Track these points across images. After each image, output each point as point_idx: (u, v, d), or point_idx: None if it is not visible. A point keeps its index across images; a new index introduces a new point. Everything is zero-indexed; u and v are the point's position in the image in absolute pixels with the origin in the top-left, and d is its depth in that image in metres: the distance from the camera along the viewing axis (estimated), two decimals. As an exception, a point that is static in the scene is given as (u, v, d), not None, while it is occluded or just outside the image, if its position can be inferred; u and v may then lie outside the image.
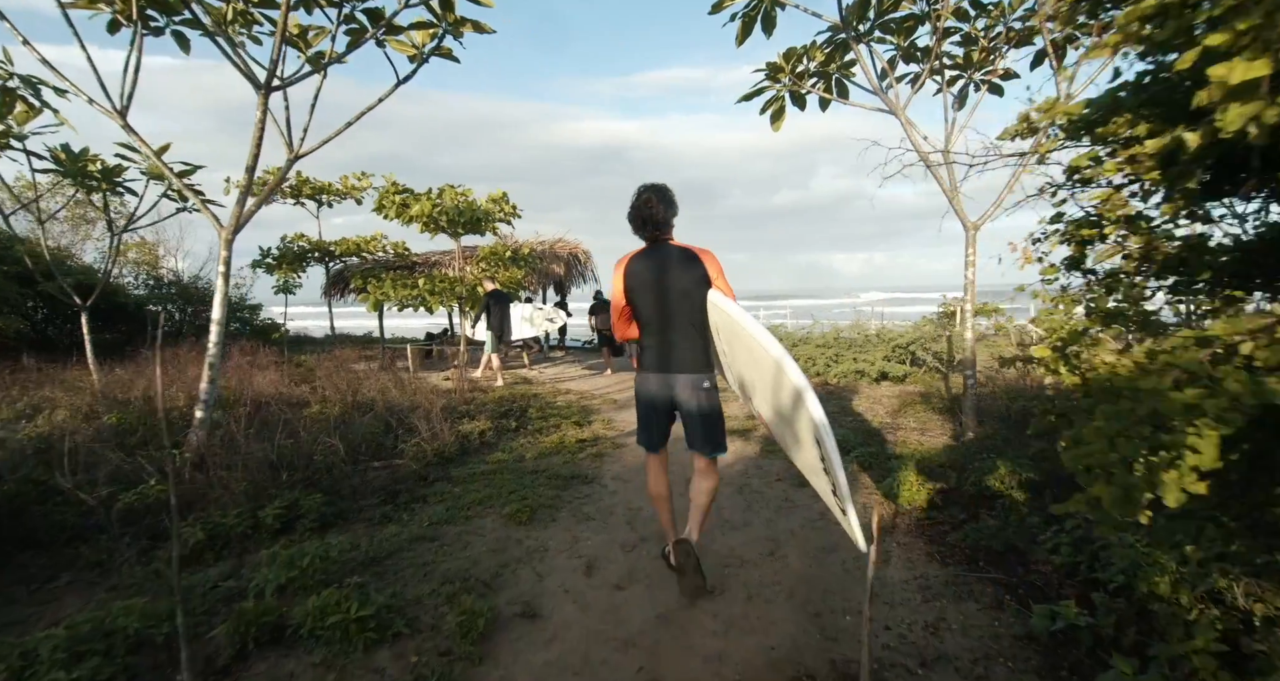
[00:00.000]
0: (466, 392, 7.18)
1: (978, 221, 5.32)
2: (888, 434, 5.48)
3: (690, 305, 2.41)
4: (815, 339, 10.34)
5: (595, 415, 6.78)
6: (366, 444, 4.52)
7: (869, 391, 8.19)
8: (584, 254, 12.69)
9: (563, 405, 7.18)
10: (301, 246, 10.35)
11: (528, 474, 4.32)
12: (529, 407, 6.76)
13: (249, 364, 7.79)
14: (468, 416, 5.68)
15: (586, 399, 7.90)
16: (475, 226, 9.15)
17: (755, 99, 5.82)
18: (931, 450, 4.40)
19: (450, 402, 6.27)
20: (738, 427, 5.90)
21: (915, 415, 6.18)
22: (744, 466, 4.63)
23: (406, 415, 5.25)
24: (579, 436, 5.57)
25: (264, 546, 2.99)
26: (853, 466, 4.29)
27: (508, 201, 9.79)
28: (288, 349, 12.80)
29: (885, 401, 7.42)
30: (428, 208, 8.21)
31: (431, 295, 8.32)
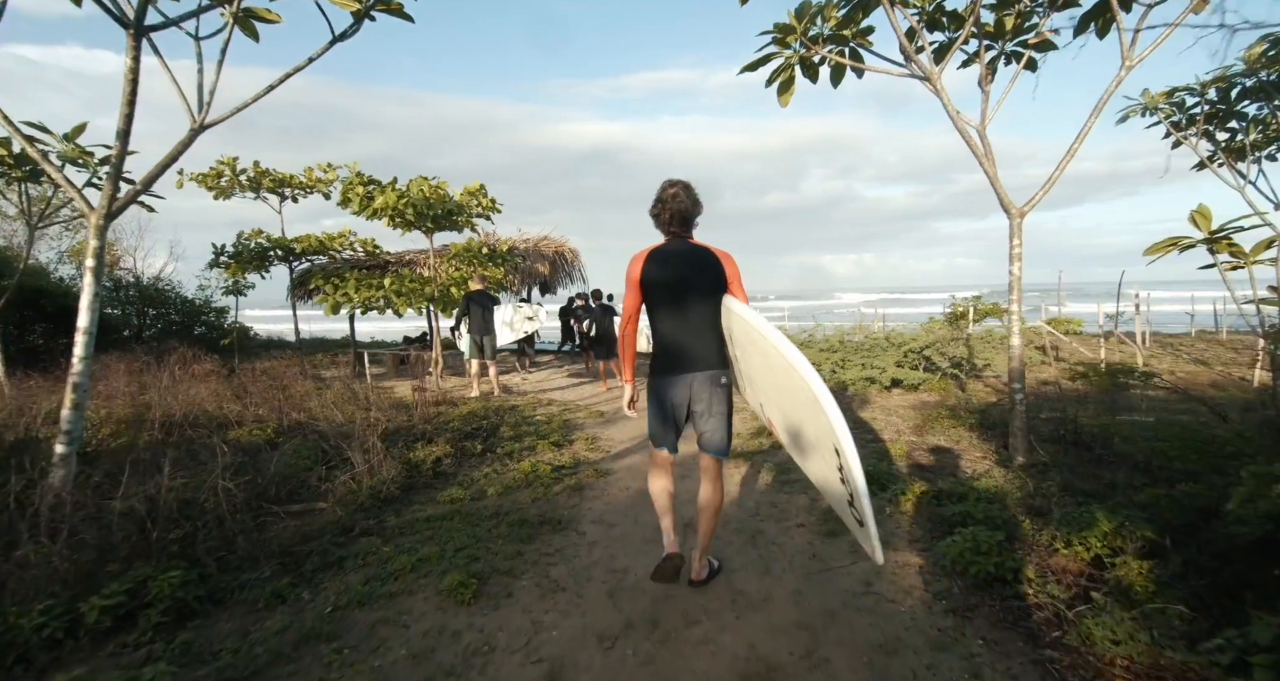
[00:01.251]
0: (432, 407, 6.22)
1: (1024, 206, 4.45)
2: (918, 455, 4.58)
3: (708, 305, 2.35)
4: (818, 342, 9.46)
5: (578, 432, 5.84)
6: (284, 481, 3.56)
7: (881, 400, 7.31)
8: (571, 252, 11.76)
9: (542, 419, 6.24)
10: (261, 244, 9.34)
11: (486, 519, 3.38)
12: (502, 424, 5.81)
13: (186, 375, 6.79)
14: (424, 439, 4.72)
15: (569, 411, 6.96)
16: (449, 221, 8.19)
17: (761, 68, 4.93)
18: (989, 488, 3.49)
19: (408, 422, 5.32)
20: (741, 448, 4.99)
21: (944, 431, 5.29)
22: (754, 502, 3.71)
23: (349, 439, 4.30)
24: (557, 461, 4.63)
25: (84, 656, 2.04)
26: (894, 509, 3.38)
27: (485, 194, 8.83)
28: (250, 356, 11.77)
29: (902, 412, 6.53)
30: (393, 199, 7.25)
31: (398, 297, 7.36)
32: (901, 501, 3.39)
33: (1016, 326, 4.43)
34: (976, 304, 10.36)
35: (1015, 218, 4.45)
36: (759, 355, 2.16)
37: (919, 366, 7.95)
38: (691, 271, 2.34)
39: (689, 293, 2.34)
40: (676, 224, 2.38)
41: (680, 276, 2.33)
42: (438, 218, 7.70)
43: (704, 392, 2.38)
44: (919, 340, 7.93)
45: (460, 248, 7.66)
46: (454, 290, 8.05)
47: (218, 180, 9.41)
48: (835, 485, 1.91)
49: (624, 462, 4.76)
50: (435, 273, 8.20)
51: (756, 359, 2.21)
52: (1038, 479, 3.79)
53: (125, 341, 12.12)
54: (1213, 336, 12.97)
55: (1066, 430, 4.71)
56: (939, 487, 3.45)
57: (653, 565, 2.56)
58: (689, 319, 2.36)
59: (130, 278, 12.57)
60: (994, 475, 3.95)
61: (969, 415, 5.61)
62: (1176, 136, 6.29)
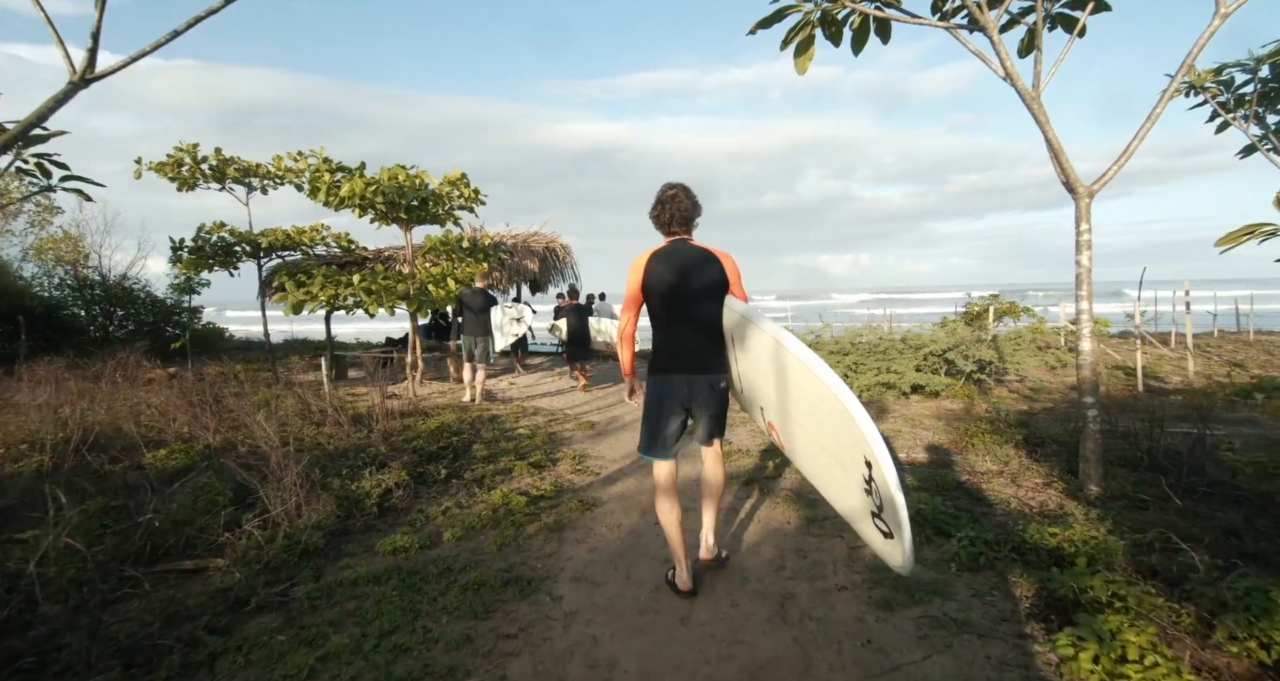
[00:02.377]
0: (399, 420, 5.40)
1: (1093, 184, 3.67)
2: (969, 483, 3.78)
3: (710, 306, 2.33)
4: (827, 344, 8.66)
5: (564, 448, 5.03)
6: (177, 529, 2.73)
7: (900, 408, 6.53)
8: (563, 248, 10.94)
9: (524, 433, 5.42)
10: (224, 238, 8.49)
11: (433, 580, 2.57)
12: (476, 440, 4.99)
13: (131, 382, 5.95)
14: (375, 463, 3.89)
15: (557, 421, 6.14)
16: (426, 213, 7.36)
17: (775, 25, 4.13)
18: (1088, 542, 2.66)
19: (365, 440, 4.49)
20: (749, 470, 4.19)
21: (987, 449, 4.50)
22: (776, 549, 2.91)
23: (281, 467, 3.47)
24: (535, 489, 3.82)
25: None
26: (969, 575, 2.57)
27: (467, 184, 8.00)
28: (222, 359, 10.93)
29: (927, 423, 5.74)
30: (360, 187, 6.44)
31: (369, 295, 6.54)
32: (978, 559, 2.58)
33: (1088, 328, 3.65)
34: (994, 303, 9.58)
35: (1083, 198, 3.67)
36: (768, 361, 2.10)
37: (939, 370, 7.17)
38: (694, 272, 2.31)
39: (691, 294, 2.31)
40: (677, 225, 2.38)
41: (682, 277, 2.30)
42: (412, 208, 6.88)
43: (702, 395, 2.36)
44: (940, 342, 7.14)
45: (435, 241, 6.84)
46: (433, 288, 7.22)
47: (178, 169, 8.55)
48: (855, 496, 1.82)
49: (615, 489, 3.95)
50: (411, 269, 7.36)
51: (763, 364, 2.15)
52: (1127, 518, 3.00)
53: (93, 343, 11.26)
54: (1236, 336, 12.24)
55: (1141, 450, 3.93)
56: (1022, 537, 2.64)
57: (654, 649, 2.13)
58: (691, 320, 2.33)
59: (96, 276, 11.69)
60: (1072, 514, 3.15)
61: (1011, 429, 4.82)
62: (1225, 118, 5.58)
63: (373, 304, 6.61)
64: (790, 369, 1.97)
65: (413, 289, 7.04)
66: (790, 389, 2.03)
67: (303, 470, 3.05)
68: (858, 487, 1.79)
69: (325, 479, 3.46)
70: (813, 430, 2.00)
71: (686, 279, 2.31)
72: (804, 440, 2.11)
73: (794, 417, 2.10)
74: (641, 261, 2.38)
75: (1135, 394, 7.02)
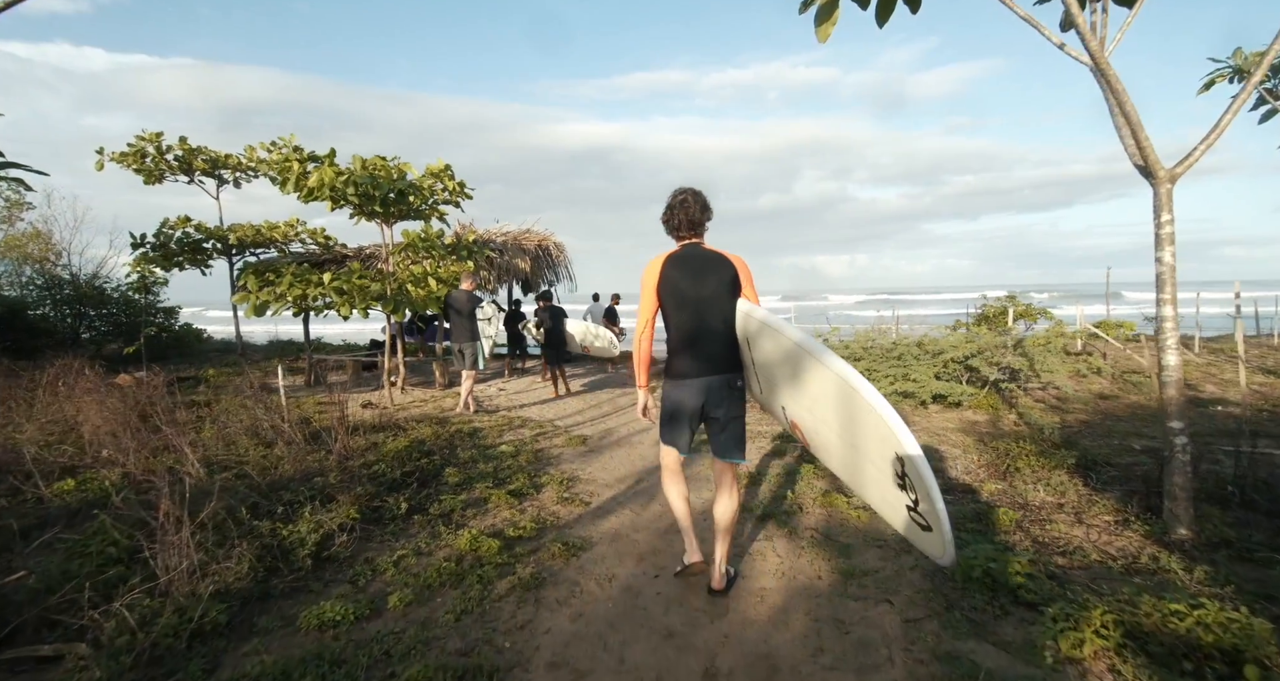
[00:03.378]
0: (365, 436, 4.75)
1: (1175, 167, 3.04)
2: (1021, 517, 3.15)
3: (724, 309, 2.32)
4: (836, 348, 8.04)
5: (550, 469, 4.39)
6: (39, 597, 2.08)
7: (921, 420, 5.90)
8: (556, 246, 10.30)
9: (507, 450, 4.77)
10: (189, 234, 7.82)
11: (362, 673, 1.92)
12: (451, 461, 4.34)
13: (67, 389, 5.28)
14: (321, 497, 3.23)
15: (545, 435, 5.50)
16: (404, 206, 6.71)
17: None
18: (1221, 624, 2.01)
19: (316, 465, 3.83)
20: (757, 501, 3.57)
21: (1033, 473, 3.87)
22: (808, 617, 2.26)
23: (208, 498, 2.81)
24: (512, 526, 3.18)
25: None
26: (1075, 668, 1.93)
27: (451, 175, 7.35)
28: (196, 363, 10.27)
29: (954, 438, 5.12)
30: (329, 176, 5.78)
31: (340, 296, 5.88)
32: (1081, 647, 1.94)
33: (1173, 339, 3.01)
34: (1012, 304, 8.96)
35: (1163, 183, 3.04)
36: (789, 363, 2.11)
37: (961, 378, 6.55)
38: (708, 276, 2.31)
39: (705, 297, 2.31)
40: (688, 229, 2.37)
41: (696, 281, 2.31)
42: (388, 201, 6.22)
43: (720, 396, 2.33)
44: (961, 347, 6.51)
45: (413, 236, 6.17)
46: (413, 289, 6.58)
47: (140, 160, 7.88)
48: (889, 490, 1.82)
49: (607, 524, 3.31)
50: (387, 267, 6.72)
51: (778, 364, 2.18)
52: (1240, 574, 2.37)
53: (60, 345, 10.57)
54: (1257, 341, 11.65)
55: (1226, 480, 3.30)
56: (1134, 615, 1.99)
57: None
58: (705, 323, 2.32)
59: (66, 275, 10.98)
60: (1170, 570, 2.52)
61: (1059, 450, 4.19)
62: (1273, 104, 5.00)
63: (344, 305, 5.96)
64: (813, 371, 1.99)
65: (389, 289, 6.38)
66: (813, 389, 2.04)
67: (212, 512, 2.39)
68: (890, 482, 1.78)
69: (254, 521, 2.80)
70: (839, 428, 1.98)
71: (701, 283, 2.30)
72: (831, 437, 2.10)
73: (819, 416, 2.09)
74: (656, 266, 2.34)
75: (1171, 404, 6.40)
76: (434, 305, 6.45)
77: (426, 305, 6.59)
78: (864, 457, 1.93)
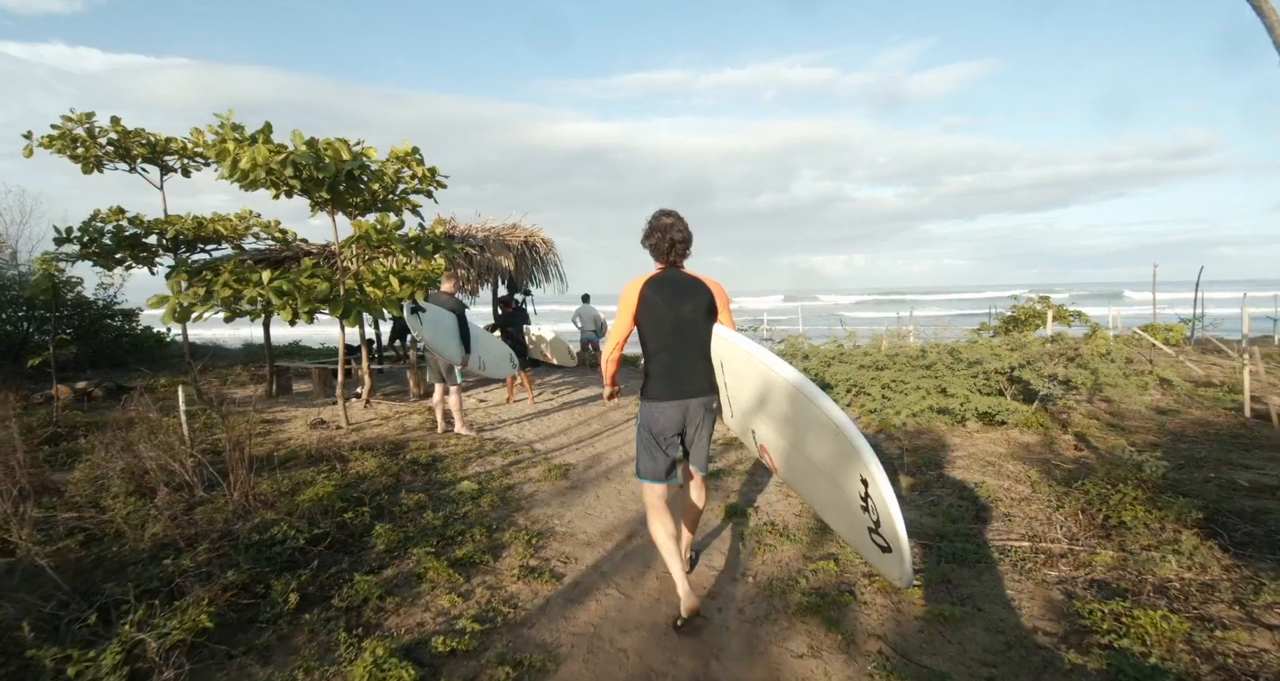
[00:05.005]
0: (289, 473, 3.73)
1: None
2: (1160, 607, 2.16)
3: (702, 333, 2.33)
4: (855, 355, 7.04)
5: (518, 516, 3.39)
6: None
7: (962, 442, 4.92)
8: (544, 242, 9.30)
9: (467, 490, 3.75)
10: (124, 227, 6.80)
11: None
12: (387, 512, 3.33)
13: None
14: (168, 590, 2.21)
15: (520, 464, 4.49)
16: (360, 193, 5.69)
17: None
18: None
19: (201, 524, 2.82)
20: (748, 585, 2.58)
21: (1151, 535, 2.88)
22: None
23: None
24: (447, 632, 2.18)
25: None
26: None
27: (421, 161, 6.33)
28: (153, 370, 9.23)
29: (1014, 471, 4.12)
30: (263, 156, 4.78)
31: (280, 297, 4.88)
32: None
33: None
34: (1047, 305, 7.97)
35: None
36: (760, 387, 2.12)
37: (1004, 392, 5.56)
38: (688, 300, 2.31)
39: (685, 322, 2.30)
40: (675, 254, 2.35)
41: (677, 305, 2.29)
42: (337, 186, 5.20)
43: (697, 417, 2.34)
44: (1006, 356, 5.52)
45: (366, 227, 5.15)
46: (372, 290, 5.56)
47: (71, 145, 6.83)
48: (853, 513, 1.82)
49: (584, 619, 2.31)
50: (343, 264, 5.71)
51: (750, 387, 2.18)
52: None
53: (7, 351, 9.54)
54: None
55: None
56: None
57: None
58: (685, 346, 2.31)
59: (12, 272, 9.92)
60: None
61: (1169, 498, 3.19)
62: None
63: (284, 308, 4.94)
64: (783, 394, 1.99)
65: (342, 289, 5.36)
66: (783, 413, 2.04)
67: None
68: (854, 504, 1.78)
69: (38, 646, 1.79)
70: (807, 452, 1.99)
71: (681, 307, 2.29)
72: (799, 461, 2.08)
73: (789, 440, 2.09)
74: (635, 290, 2.33)
75: (1247, 423, 5.43)
76: (393, 308, 5.44)
77: (388, 307, 5.57)
78: (829, 479, 1.92)
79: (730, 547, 3.00)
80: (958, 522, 3.12)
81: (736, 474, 4.21)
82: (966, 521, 3.15)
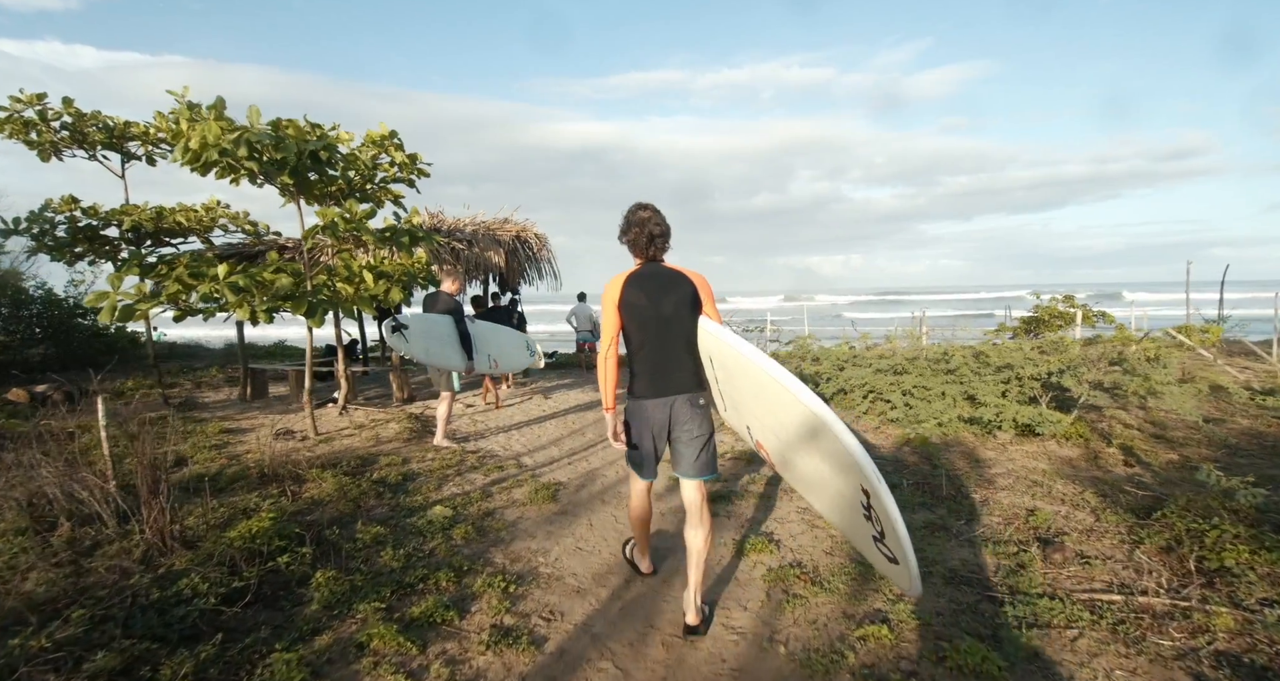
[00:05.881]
0: (229, 497, 3.15)
1: None
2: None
3: (686, 328, 2.21)
4: (869, 358, 6.48)
5: (498, 552, 2.82)
6: None
7: (996, 456, 4.37)
8: (538, 238, 8.72)
9: (438, 518, 3.18)
10: (77, 217, 6.20)
11: None
12: (332, 552, 2.75)
13: None
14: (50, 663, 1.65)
15: (503, 484, 3.91)
16: (329, 178, 5.11)
17: None
18: None
19: (99, 573, 2.24)
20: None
21: (1259, 575, 2.33)
22: None
23: None
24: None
25: None
26: None
27: (400, 146, 5.75)
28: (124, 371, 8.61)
29: (1063, 491, 3.57)
30: (214, 134, 4.19)
31: (236, 293, 4.30)
32: None
33: None
34: (1071, 305, 7.41)
35: None
36: (751, 385, 2.01)
37: (1039, 398, 5.00)
38: (669, 294, 2.19)
39: (667, 316, 2.19)
40: (655, 247, 2.25)
41: (659, 300, 2.19)
42: (301, 170, 4.62)
43: (684, 415, 2.21)
44: (1042, 362, 4.96)
45: (332, 215, 4.53)
46: (343, 287, 4.97)
47: (24, 129, 6.23)
48: (855, 520, 1.73)
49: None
50: (308, 257, 5.12)
51: (741, 383, 2.09)
52: None
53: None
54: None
55: None
56: None
57: None
58: (668, 342, 2.21)
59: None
60: None
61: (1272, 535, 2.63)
62: None
63: (239, 305, 4.35)
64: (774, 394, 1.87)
65: (308, 285, 4.78)
66: (775, 411, 1.94)
67: None
68: (856, 512, 1.69)
69: None
70: (805, 455, 1.87)
71: (663, 302, 2.18)
72: (797, 462, 1.98)
73: (785, 441, 1.98)
74: (616, 286, 2.23)
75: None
76: (366, 306, 4.85)
77: (360, 306, 4.99)
78: (829, 483, 1.80)
79: (752, 598, 2.43)
80: (1025, 568, 2.56)
81: (749, 496, 3.65)
82: (1035, 565, 2.59)
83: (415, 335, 4.98)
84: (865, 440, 4.94)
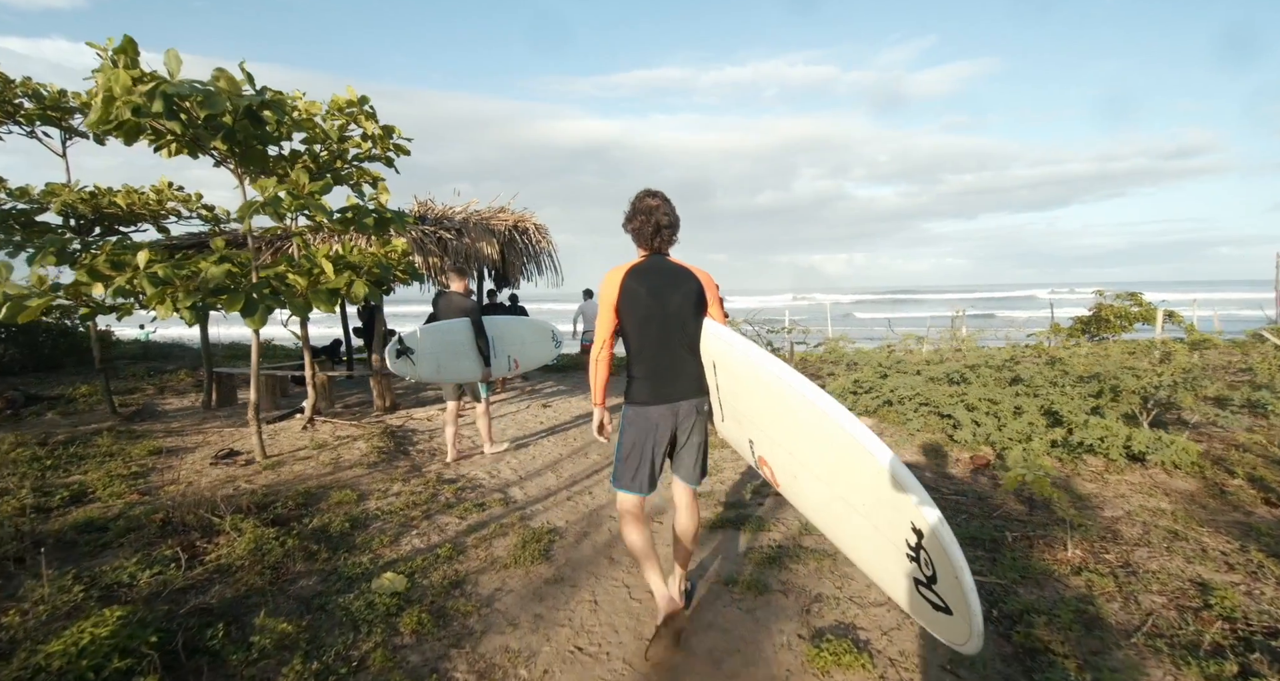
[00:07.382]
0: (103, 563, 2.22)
1: None
2: None
3: (691, 329, 2.04)
4: (914, 364, 5.52)
5: (456, 656, 1.88)
6: None
7: (1104, 492, 3.41)
8: (537, 228, 7.78)
9: (382, 595, 2.26)
10: (2, 200, 5.29)
11: None
12: (205, 674, 1.82)
13: None
14: None
15: (483, 532, 2.97)
16: (262, 135, 4.17)
17: None
18: None
19: None
20: None
21: None
22: None
23: None
24: None
25: None
26: None
27: (371, 113, 4.82)
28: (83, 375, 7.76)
29: (1215, 546, 2.62)
30: (124, 85, 3.26)
31: (155, 286, 3.38)
32: None
33: None
34: (1138, 303, 6.42)
35: None
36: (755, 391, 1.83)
37: (1137, 416, 4.04)
38: (674, 291, 2.01)
39: (671, 315, 2.01)
40: (661, 239, 2.05)
41: (662, 295, 2.00)
42: (235, 132, 3.68)
43: (689, 421, 2.07)
44: (1147, 373, 3.99)
45: (275, 189, 3.57)
46: (295, 278, 4.04)
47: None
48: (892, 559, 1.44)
49: None
50: (253, 243, 4.20)
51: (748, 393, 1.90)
52: None
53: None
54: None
55: None
56: None
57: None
58: (671, 343, 2.03)
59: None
60: None
61: None
62: None
63: (158, 301, 3.43)
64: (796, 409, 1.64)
65: (255, 276, 3.86)
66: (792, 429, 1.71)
67: None
68: (896, 550, 1.42)
69: None
70: (828, 478, 1.62)
71: (666, 299, 2.00)
72: (813, 485, 1.72)
73: (799, 459, 1.74)
74: (616, 279, 2.04)
75: None
76: (323, 303, 3.92)
77: (321, 304, 4.05)
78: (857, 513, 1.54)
79: None
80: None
81: (806, 556, 2.70)
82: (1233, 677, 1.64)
83: (424, 355, 4.26)
84: (914, 463, 3.99)
